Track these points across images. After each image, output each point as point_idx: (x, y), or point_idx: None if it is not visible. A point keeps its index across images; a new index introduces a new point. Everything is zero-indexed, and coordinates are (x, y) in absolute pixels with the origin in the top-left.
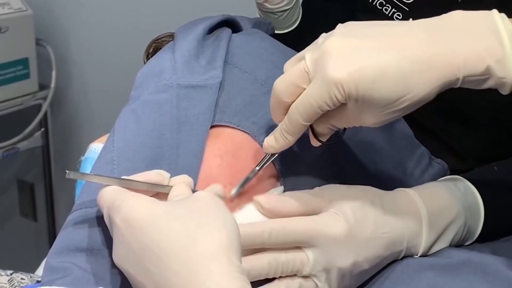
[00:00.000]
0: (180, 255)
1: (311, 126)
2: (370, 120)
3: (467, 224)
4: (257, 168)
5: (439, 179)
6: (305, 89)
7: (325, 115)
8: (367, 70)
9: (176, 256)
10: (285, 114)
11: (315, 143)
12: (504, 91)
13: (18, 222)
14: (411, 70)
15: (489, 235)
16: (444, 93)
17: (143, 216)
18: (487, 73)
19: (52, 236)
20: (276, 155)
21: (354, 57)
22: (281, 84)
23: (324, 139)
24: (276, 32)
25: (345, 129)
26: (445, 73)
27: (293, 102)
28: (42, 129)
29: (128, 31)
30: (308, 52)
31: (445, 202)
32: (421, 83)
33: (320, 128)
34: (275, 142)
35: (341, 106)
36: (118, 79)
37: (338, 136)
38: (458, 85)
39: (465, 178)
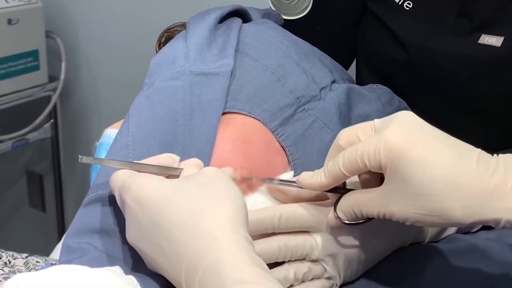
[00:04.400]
0: (188, 228)
1: (336, 202)
2: (397, 206)
3: None
4: (278, 181)
5: None
6: None
7: (354, 195)
8: (419, 150)
9: (184, 230)
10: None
11: (331, 220)
12: None
13: (27, 213)
14: (454, 195)
15: None
16: (450, 82)
17: (152, 194)
18: None
19: (60, 227)
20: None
21: (417, 133)
22: (345, 131)
23: (343, 218)
24: (285, 18)
25: (369, 219)
26: (487, 214)
27: None
28: (52, 121)
29: (137, 23)
30: (383, 118)
31: None
32: (458, 212)
33: (343, 206)
34: (310, 178)
35: (375, 188)
36: (127, 71)
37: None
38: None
39: None
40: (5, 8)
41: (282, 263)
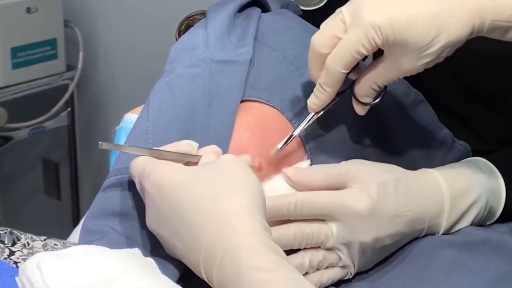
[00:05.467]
0: (206, 214)
1: (352, 92)
2: (407, 65)
3: (489, 205)
4: (301, 127)
5: (461, 160)
6: (341, 38)
7: (365, 74)
8: (402, 13)
9: (202, 216)
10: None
11: (358, 110)
12: None
13: (42, 201)
14: (442, 11)
15: (510, 216)
16: (468, 73)
17: (171, 180)
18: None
19: (75, 215)
20: (319, 114)
21: (389, 3)
22: (318, 37)
23: (366, 102)
24: (303, 8)
25: (385, 87)
26: (475, 14)
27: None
28: (68, 109)
29: (155, 13)
30: (345, 6)
31: (467, 183)
32: (452, 24)
33: (362, 90)
34: (316, 98)
35: (378, 60)
36: (144, 61)
37: (379, 96)
38: (484, 31)
39: (487, 159)
40: None
41: (298, 250)
